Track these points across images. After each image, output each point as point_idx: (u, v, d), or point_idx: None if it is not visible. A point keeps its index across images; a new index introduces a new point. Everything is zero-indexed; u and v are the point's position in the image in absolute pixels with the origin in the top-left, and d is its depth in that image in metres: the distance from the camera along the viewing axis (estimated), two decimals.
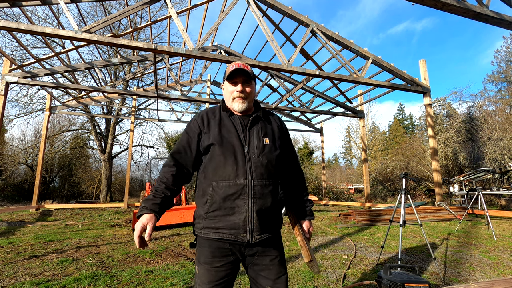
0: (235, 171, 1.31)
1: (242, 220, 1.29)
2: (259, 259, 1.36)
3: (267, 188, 1.34)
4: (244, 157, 1.34)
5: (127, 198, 12.57)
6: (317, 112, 12.07)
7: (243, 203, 1.29)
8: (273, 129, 1.49)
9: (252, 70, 1.50)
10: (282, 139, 1.51)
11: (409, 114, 42.60)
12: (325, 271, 3.35)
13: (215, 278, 1.31)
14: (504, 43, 26.79)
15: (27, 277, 3.12)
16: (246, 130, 1.41)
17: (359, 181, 25.12)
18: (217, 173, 1.32)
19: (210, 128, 1.40)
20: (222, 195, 1.29)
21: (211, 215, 1.31)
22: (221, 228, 1.30)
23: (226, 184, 1.30)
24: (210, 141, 1.36)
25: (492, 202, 12.92)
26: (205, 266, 1.32)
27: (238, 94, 1.44)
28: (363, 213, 7.13)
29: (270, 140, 1.43)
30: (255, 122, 1.46)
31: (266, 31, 6.93)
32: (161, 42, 16.61)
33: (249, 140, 1.39)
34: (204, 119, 1.45)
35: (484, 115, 15.67)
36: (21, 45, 7.80)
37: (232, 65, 1.46)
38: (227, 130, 1.40)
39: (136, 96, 12.84)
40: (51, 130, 19.10)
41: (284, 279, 1.36)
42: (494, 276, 3.17)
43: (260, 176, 1.33)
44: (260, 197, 1.32)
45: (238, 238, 1.30)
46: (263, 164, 1.35)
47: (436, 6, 5.10)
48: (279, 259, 1.39)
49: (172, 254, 4.20)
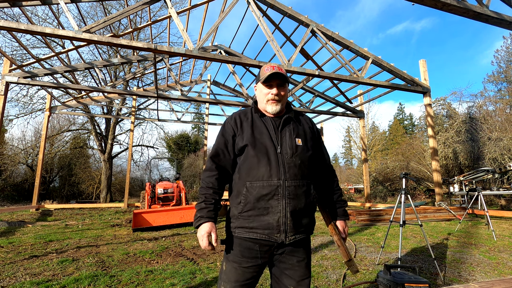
0: (269, 171, 1.32)
1: (276, 220, 1.30)
2: (286, 258, 1.37)
3: (300, 189, 1.35)
4: (277, 157, 1.35)
5: (127, 198, 12.58)
6: (317, 112, 12.07)
7: (276, 204, 1.30)
8: (305, 130, 1.51)
9: (286, 73, 1.51)
10: (314, 139, 1.52)
11: (409, 114, 42.60)
12: (325, 271, 3.35)
13: (242, 278, 1.33)
14: (504, 43, 26.78)
15: (27, 277, 3.12)
16: (278, 131, 1.43)
17: (359, 181, 25.11)
18: (250, 174, 1.34)
19: (243, 129, 1.42)
20: (256, 195, 1.31)
21: (245, 214, 1.33)
22: (255, 228, 1.31)
23: (259, 185, 1.32)
24: (244, 143, 1.38)
25: (492, 202, 12.91)
26: (233, 264, 1.35)
27: (273, 97, 1.46)
28: (363, 213, 7.13)
29: (302, 141, 1.44)
30: (287, 123, 1.48)
31: (266, 31, 6.93)
32: (161, 42, 16.61)
33: (281, 141, 1.40)
34: (237, 121, 1.46)
35: (484, 115, 15.65)
36: (21, 45, 7.80)
37: (267, 67, 1.47)
38: (260, 131, 1.41)
39: (136, 96, 12.84)
40: (51, 130, 19.10)
41: (307, 282, 1.37)
42: (494, 276, 3.17)
43: (294, 176, 1.34)
44: (293, 198, 1.33)
45: (272, 238, 1.31)
46: (296, 165, 1.36)
47: (436, 6, 5.10)
48: (306, 261, 1.40)
49: (172, 254, 4.20)
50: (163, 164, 28.87)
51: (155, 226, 6.52)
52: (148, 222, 6.53)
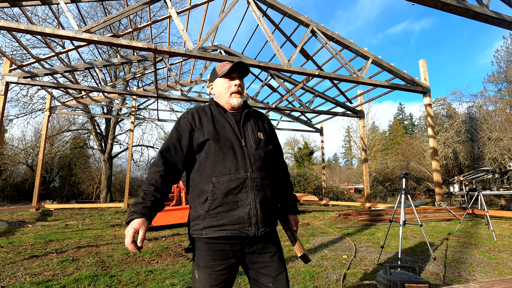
0: (235, 165, 1.31)
1: (247, 213, 1.28)
2: (259, 257, 1.35)
3: (266, 180, 1.36)
4: (243, 150, 1.35)
5: (127, 198, 12.56)
6: (317, 112, 12.06)
7: (246, 196, 1.29)
8: (264, 125, 1.54)
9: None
10: (272, 135, 1.55)
11: (409, 114, 42.59)
12: (325, 271, 3.35)
13: (216, 282, 1.29)
14: (504, 43, 26.78)
15: (27, 277, 3.12)
16: (241, 125, 1.43)
17: (359, 181, 25.12)
18: (216, 169, 1.30)
19: (203, 124, 1.39)
20: (224, 190, 1.28)
21: (212, 212, 1.28)
22: (225, 225, 1.27)
23: (227, 179, 1.29)
24: (206, 137, 1.34)
25: (492, 202, 12.92)
26: (206, 270, 1.29)
27: (236, 88, 1.46)
28: (363, 213, 7.13)
29: (263, 135, 1.46)
30: (248, 118, 1.49)
31: (266, 31, 6.93)
32: (161, 42, 16.61)
33: (244, 135, 1.41)
34: (195, 116, 1.44)
35: (484, 115, 15.65)
36: (21, 45, 7.80)
37: (223, 64, 1.49)
38: (221, 125, 1.40)
39: (136, 96, 12.83)
40: (51, 130, 19.10)
41: (284, 274, 1.37)
42: (494, 276, 3.17)
43: (259, 168, 1.35)
44: (261, 189, 1.33)
45: (244, 233, 1.28)
46: (261, 157, 1.38)
47: (436, 6, 5.10)
48: (278, 255, 1.40)
49: (172, 254, 4.20)
50: None
51: (155, 226, 6.52)
52: None
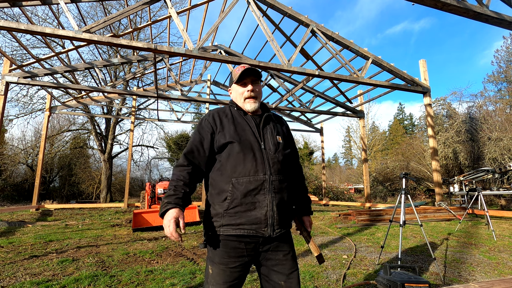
0: (255, 167, 1.34)
1: (263, 214, 1.31)
2: (273, 254, 1.38)
3: (283, 183, 1.39)
4: (262, 153, 1.38)
5: (127, 198, 12.57)
6: (317, 112, 12.07)
7: (263, 198, 1.32)
8: (282, 129, 1.57)
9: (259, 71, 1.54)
10: (289, 139, 1.59)
11: (409, 114, 42.60)
12: (325, 271, 3.35)
13: (230, 278, 1.32)
14: (504, 43, 26.75)
15: (27, 277, 3.12)
16: (260, 128, 1.46)
17: (359, 181, 25.11)
18: (236, 170, 1.34)
19: (224, 126, 1.42)
20: (243, 191, 1.31)
21: (231, 211, 1.32)
22: (242, 224, 1.31)
23: (246, 180, 1.32)
24: (227, 140, 1.38)
25: (492, 202, 12.92)
26: (220, 266, 1.33)
27: (249, 94, 1.48)
28: (363, 213, 7.13)
29: (281, 139, 1.49)
30: (267, 121, 1.52)
31: (266, 31, 6.93)
32: (161, 42, 16.61)
33: (264, 138, 1.44)
34: (215, 118, 1.46)
35: (484, 115, 15.65)
36: (21, 45, 7.80)
37: (238, 68, 1.50)
38: (242, 128, 1.43)
39: (136, 96, 12.84)
40: (51, 130, 19.10)
41: (296, 274, 1.39)
42: (494, 276, 3.17)
43: (277, 171, 1.38)
44: (278, 192, 1.36)
45: (259, 233, 1.31)
46: (279, 160, 1.40)
47: (436, 6, 5.09)
48: (292, 254, 1.43)
49: (172, 254, 4.20)
50: (163, 164, 28.87)
51: (155, 226, 6.52)
52: (148, 222, 6.53)
